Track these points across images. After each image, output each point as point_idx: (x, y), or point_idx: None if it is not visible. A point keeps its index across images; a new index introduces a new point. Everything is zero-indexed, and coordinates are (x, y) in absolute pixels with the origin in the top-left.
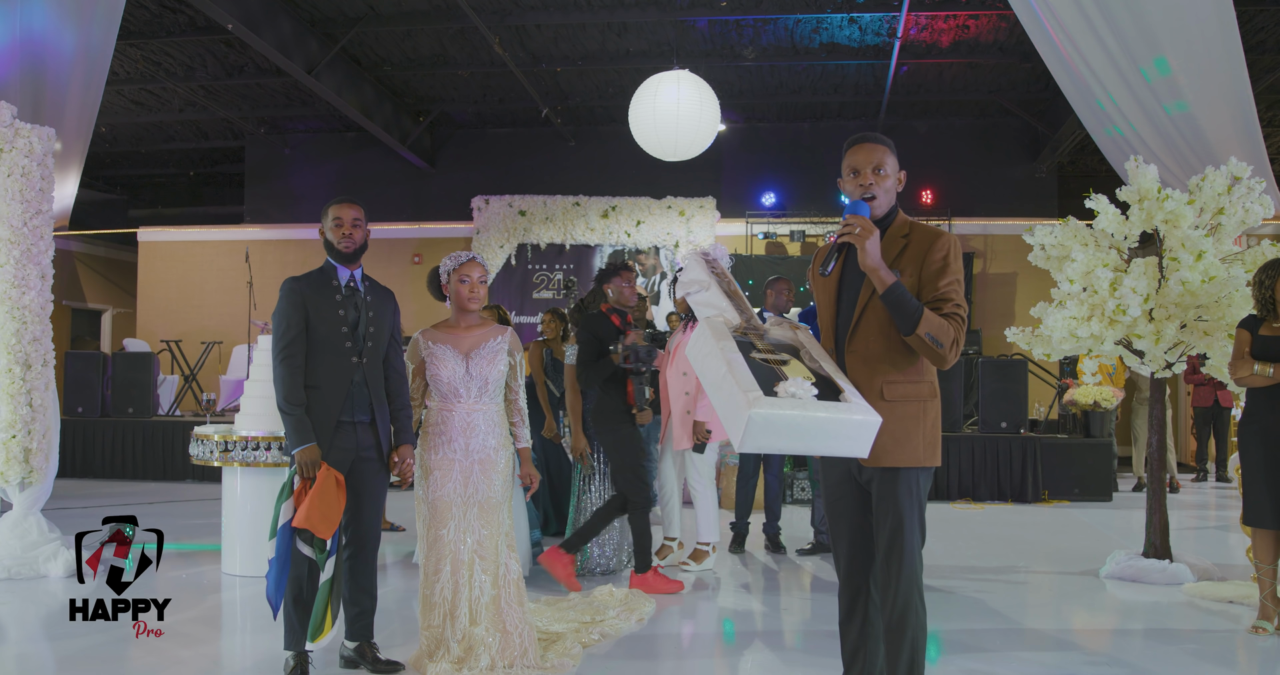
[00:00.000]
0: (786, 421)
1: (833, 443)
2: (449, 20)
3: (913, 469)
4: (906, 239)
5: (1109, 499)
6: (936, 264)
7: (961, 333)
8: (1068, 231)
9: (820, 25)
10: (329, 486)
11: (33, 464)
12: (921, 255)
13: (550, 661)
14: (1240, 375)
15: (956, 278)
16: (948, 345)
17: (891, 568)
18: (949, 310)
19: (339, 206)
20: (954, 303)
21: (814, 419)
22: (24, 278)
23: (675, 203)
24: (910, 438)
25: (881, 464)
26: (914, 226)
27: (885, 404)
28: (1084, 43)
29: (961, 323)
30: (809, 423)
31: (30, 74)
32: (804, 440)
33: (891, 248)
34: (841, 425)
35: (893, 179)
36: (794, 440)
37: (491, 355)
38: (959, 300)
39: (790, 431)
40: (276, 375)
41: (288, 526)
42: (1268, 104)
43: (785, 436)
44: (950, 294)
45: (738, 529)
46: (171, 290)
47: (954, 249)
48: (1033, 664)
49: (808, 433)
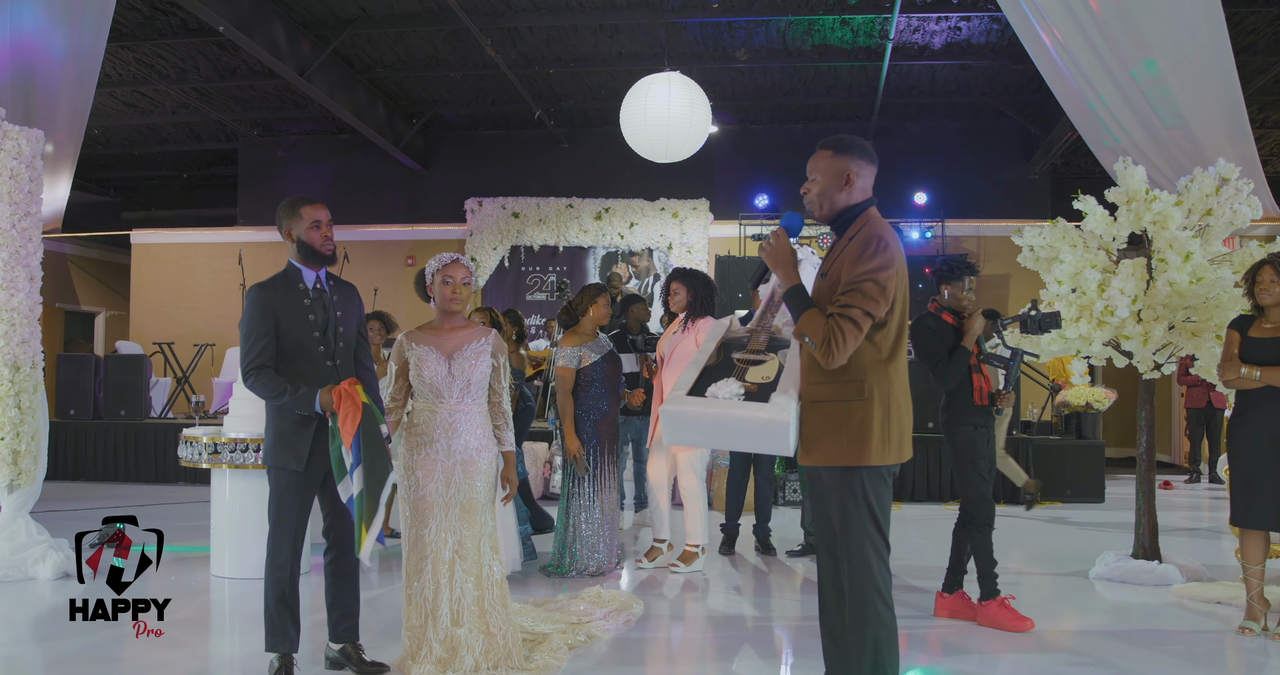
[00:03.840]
0: (692, 417)
1: (748, 440)
2: (441, 22)
3: (848, 468)
4: (851, 240)
5: (1101, 500)
6: (847, 266)
7: (839, 333)
8: (1056, 233)
9: (812, 27)
10: (345, 398)
11: (21, 466)
12: (850, 255)
13: (535, 662)
14: (1228, 377)
15: (865, 278)
16: (818, 345)
17: (843, 565)
18: (833, 310)
19: (314, 207)
20: (841, 303)
21: (717, 416)
22: (12, 280)
23: (668, 205)
24: (830, 437)
25: (806, 462)
26: (865, 227)
27: (807, 404)
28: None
29: (848, 323)
30: (712, 419)
31: (20, 76)
32: (718, 436)
33: (837, 248)
34: (747, 423)
35: (826, 181)
36: (708, 435)
37: (474, 356)
38: (849, 301)
39: (699, 427)
40: (252, 387)
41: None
42: (1260, 105)
43: (697, 431)
44: (848, 292)
45: (728, 531)
46: (164, 292)
47: (872, 249)
48: (1020, 665)
49: (718, 428)
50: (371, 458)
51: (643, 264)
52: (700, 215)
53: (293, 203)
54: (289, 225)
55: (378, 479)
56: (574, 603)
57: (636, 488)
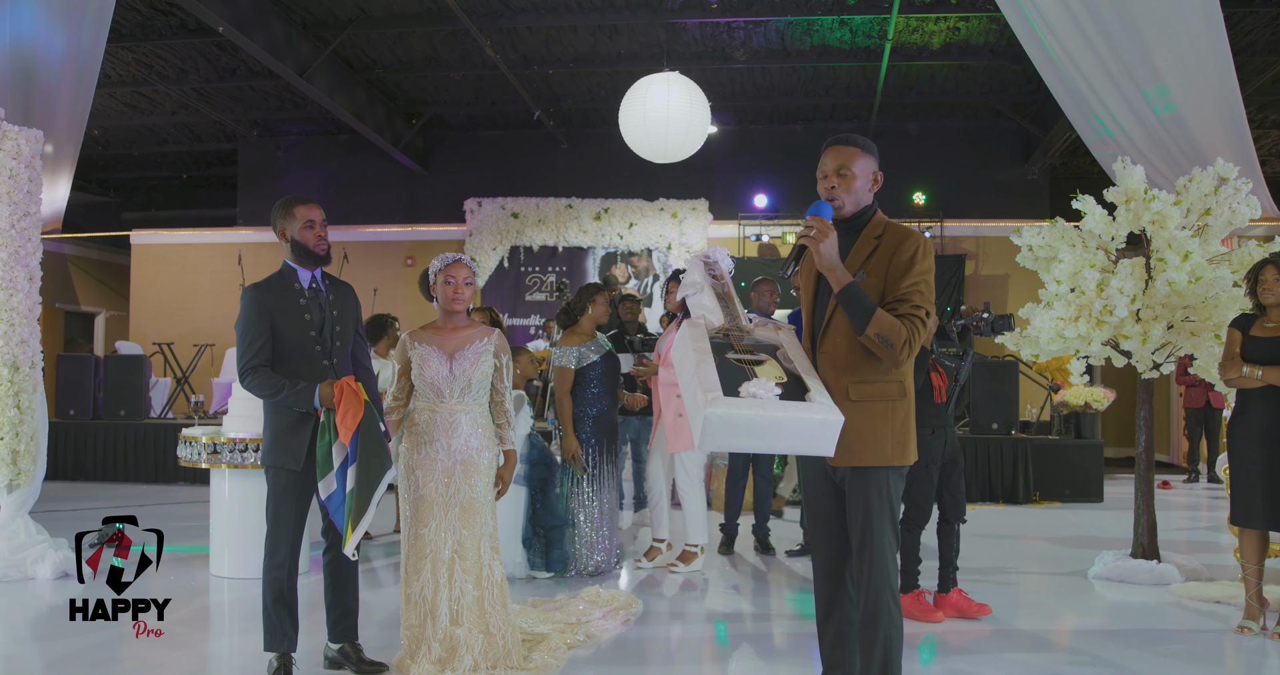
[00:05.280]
0: (743, 421)
1: (794, 442)
2: (440, 22)
3: (881, 468)
4: (879, 240)
5: (1100, 500)
6: (901, 265)
7: (916, 333)
8: (1055, 232)
9: (811, 27)
10: (347, 395)
11: (20, 466)
12: (890, 255)
13: (534, 662)
14: (1230, 376)
15: (921, 278)
16: (898, 345)
17: (863, 566)
18: (905, 310)
19: (308, 207)
20: (911, 303)
21: (771, 418)
22: (11, 280)
23: (668, 205)
24: (877, 437)
25: (849, 464)
26: (888, 227)
27: (851, 404)
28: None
29: (918, 323)
30: (766, 422)
31: (20, 76)
32: (763, 439)
33: (864, 248)
34: (801, 424)
35: (862, 180)
36: (753, 439)
37: (476, 356)
38: (918, 301)
39: (748, 431)
40: (250, 386)
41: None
42: (1259, 105)
43: (743, 436)
44: (910, 294)
45: (727, 530)
46: (164, 293)
47: (921, 249)
48: (1020, 664)
49: (766, 432)
50: (369, 455)
51: (642, 264)
52: (699, 215)
53: (287, 203)
54: (283, 225)
55: (373, 477)
56: (573, 602)
57: (635, 487)
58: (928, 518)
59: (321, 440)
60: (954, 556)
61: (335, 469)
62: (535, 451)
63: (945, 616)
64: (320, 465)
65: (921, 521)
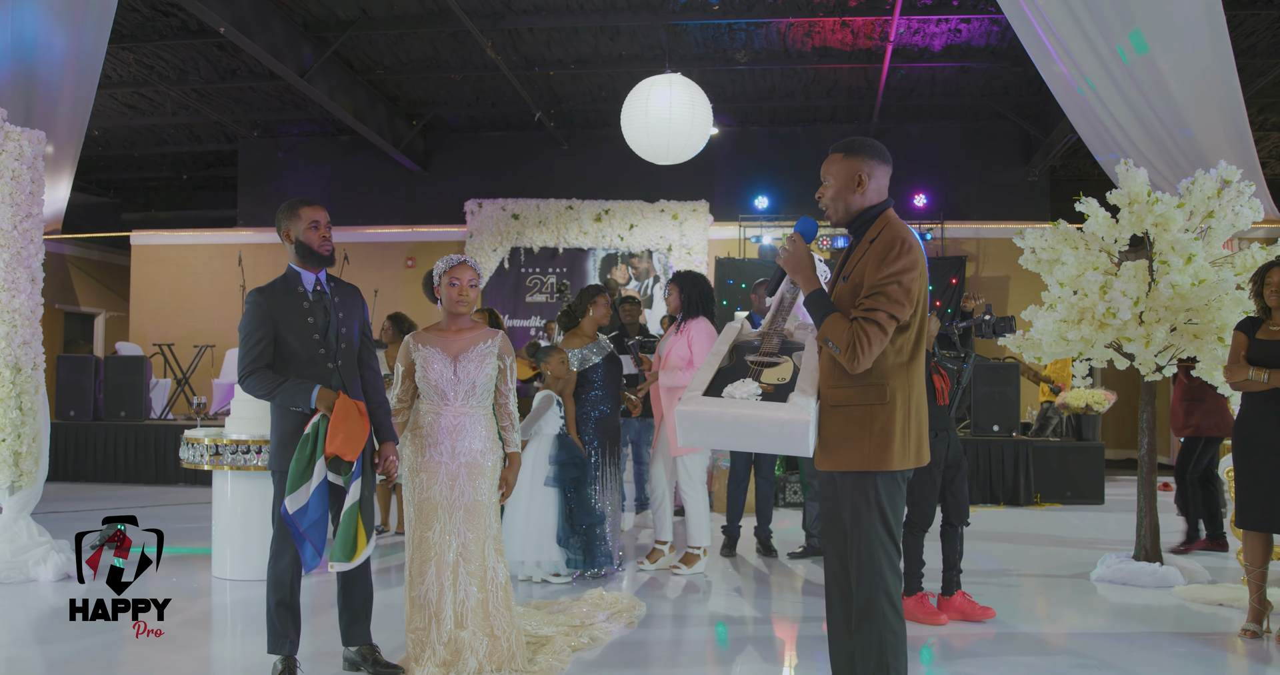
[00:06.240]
0: (710, 417)
1: (766, 441)
2: (442, 24)
3: (863, 472)
4: (873, 243)
5: (1101, 502)
6: (872, 268)
7: (864, 337)
8: (1058, 235)
9: (812, 29)
10: (350, 412)
11: (22, 468)
12: (874, 257)
13: (539, 665)
14: (1236, 379)
15: (891, 280)
16: (843, 349)
17: (852, 567)
18: (858, 314)
19: (312, 208)
20: (865, 306)
21: (737, 416)
22: (13, 281)
23: (668, 206)
24: (853, 442)
25: (828, 467)
26: (884, 229)
27: (831, 409)
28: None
29: (870, 327)
30: (732, 420)
31: (21, 77)
32: (736, 437)
33: (859, 251)
34: (767, 423)
35: (838, 184)
36: (726, 436)
37: (480, 358)
38: (875, 304)
39: (717, 427)
40: (248, 388)
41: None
42: (1259, 108)
43: (715, 432)
44: (871, 295)
45: (729, 532)
46: (164, 294)
47: (896, 250)
48: (1024, 667)
49: (737, 430)
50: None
51: (642, 266)
52: (700, 217)
53: (291, 205)
54: (287, 226)
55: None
56: (576, 605)
57: (637, 489)
58: (930, 520)
59: (303, 450)
60: (957, 559)
61: (313, 485)
62: (565, 452)
63: (949, 619)
64: (293, 477)
65: (924, 524)
